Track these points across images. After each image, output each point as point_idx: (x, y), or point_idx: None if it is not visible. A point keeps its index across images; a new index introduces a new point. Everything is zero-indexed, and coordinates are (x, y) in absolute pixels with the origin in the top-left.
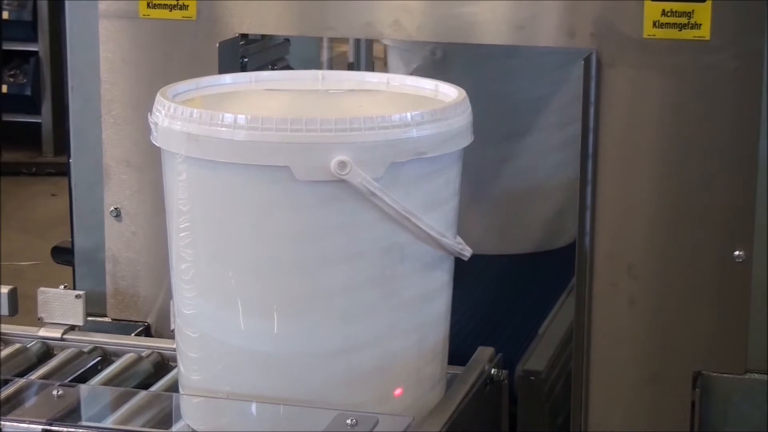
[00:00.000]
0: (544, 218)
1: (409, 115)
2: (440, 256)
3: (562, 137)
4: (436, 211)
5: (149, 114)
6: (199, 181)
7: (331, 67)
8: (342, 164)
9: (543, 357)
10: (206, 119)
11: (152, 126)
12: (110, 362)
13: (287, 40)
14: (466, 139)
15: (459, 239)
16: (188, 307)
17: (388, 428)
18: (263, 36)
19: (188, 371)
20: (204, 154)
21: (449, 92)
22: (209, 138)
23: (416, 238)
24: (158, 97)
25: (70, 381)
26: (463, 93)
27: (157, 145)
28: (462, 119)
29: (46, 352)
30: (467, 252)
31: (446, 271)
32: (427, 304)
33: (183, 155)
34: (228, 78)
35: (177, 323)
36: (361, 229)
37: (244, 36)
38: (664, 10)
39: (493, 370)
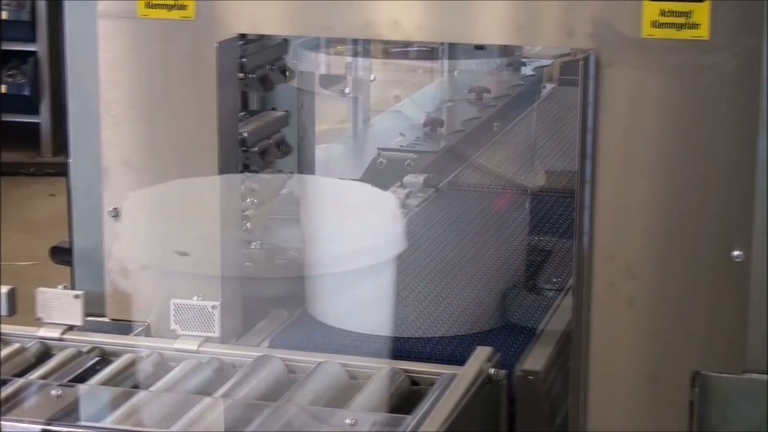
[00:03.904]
0: None
1: None
2: None
3: None
4: None
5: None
6: None
7: None
8: None
9: (541, 357)
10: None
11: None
12: (109, 362)
13: (286, 40)
14: None
15: None
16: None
17: (388, 428)
18: (262, 36)
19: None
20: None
21: None
22: None
23: None
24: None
25: (69, 381)
26: None
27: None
28: None
29: (45, 352)
30: None
31: None
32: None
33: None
34: None
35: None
36: None
37: (242, 36)
38: (662, 10)
39: (491, 370)
